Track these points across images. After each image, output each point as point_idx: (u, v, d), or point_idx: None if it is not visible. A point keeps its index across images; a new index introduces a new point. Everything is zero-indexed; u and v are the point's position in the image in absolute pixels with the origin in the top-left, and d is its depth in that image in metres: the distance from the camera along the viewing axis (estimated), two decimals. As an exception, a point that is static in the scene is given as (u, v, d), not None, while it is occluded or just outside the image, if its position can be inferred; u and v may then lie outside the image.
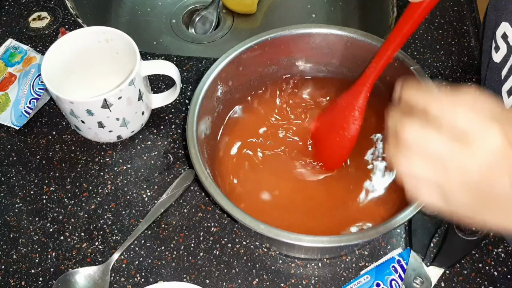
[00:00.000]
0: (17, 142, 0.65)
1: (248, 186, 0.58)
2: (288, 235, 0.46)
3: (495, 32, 0.53)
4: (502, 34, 0.52)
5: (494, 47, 0.54)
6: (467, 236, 0.55)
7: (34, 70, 0.67)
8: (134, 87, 0.58)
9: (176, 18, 0.89)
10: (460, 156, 0.33)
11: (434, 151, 0.34)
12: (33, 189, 0.62)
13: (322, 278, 0.55)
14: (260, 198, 0.57)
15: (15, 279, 0.56)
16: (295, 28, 0.59)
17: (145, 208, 0.60)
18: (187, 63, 0.71)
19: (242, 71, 0.59)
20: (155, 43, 0.86)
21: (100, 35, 0.61)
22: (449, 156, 0.33)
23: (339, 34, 0.58)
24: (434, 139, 0.34)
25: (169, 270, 0.56)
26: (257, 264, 0.56)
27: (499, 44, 0.53)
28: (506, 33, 0.52)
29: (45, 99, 0.68)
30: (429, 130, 0.34)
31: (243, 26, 0.89)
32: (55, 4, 0.78)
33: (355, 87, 0.53)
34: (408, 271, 0.54)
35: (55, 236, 0.58)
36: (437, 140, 0.33)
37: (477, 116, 0.33)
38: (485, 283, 0.54)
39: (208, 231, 0.58)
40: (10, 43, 0.70)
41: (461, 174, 0.33)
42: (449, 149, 0.33)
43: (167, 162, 0.63)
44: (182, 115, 0.67)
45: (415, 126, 0.35)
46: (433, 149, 0.34)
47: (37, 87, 0.66)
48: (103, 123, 0.59)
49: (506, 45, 0.52)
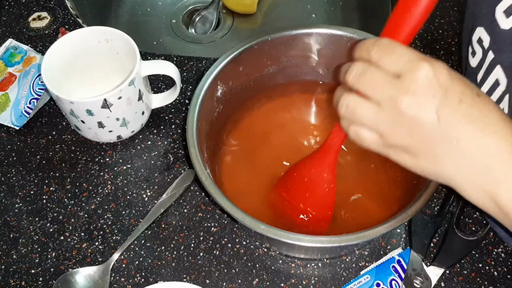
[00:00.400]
0: (17, 142, 0.65)
1: (248, 186, 0.58)
2: (288, 235, 0.46)
3: (471, 37, 0.54)
4: (478, 39, 0.53)
5: (471, 52, 0.55)
6: (467, 236, 0.55)
7: (34, 70, 0.67)
8: (134, 87, 0.58)
9: (176, 18, 0.89)
10: (393, 90, 0.36)
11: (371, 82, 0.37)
12: (33, 189, 0.62)
13: (322, 278, 0.55)
14: (260, 198, 0.57)
15: (15, 279, 0.56)
16: (295, 28, 0.59)
17: (145, 208, 0.60)
18: (187, 63, 0.71)
19: (242, 71, 0.59)
20: (155, 43, 0.86)
21: (100, 35, 0.61)
22: (383, 91, 0.36)
23: (339, 34, 0.58)
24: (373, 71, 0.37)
25: (169, 270, 0.56)
26: (257, 264, 0.56)
27: (475, 49, 0.54)
28: (481, 38, 0.53)
29: (45, 99, 0.68)
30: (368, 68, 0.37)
31: (243, 26, 0.89)
32: (55, 4, 0.78)
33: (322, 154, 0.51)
34: (408, 271, 0.54)
35: (55, 236, 0.58)
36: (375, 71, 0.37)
37: (409, 55, 0.36)
38: (485, 283, 0.54)
39: (208, 231, 0.58)
40: (10, 43, 0.70)
41: (391, 105, 0.36)
42: (383, 80, 0.36)
43: (167, 162, 0.63)
44: (182, 115, 0.67)
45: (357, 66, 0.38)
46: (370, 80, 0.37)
47: (37, 87, 0.66)
48: (103, 123, 0.59)
49: (481, 50, 0.53)
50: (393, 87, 0.36)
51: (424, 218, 0.56)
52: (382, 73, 0.37)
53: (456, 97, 0.36)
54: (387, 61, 0.36)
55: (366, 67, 0.38)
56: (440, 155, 0.37)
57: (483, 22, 0.52)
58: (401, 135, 0.37)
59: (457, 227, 0.55)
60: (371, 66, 0.37)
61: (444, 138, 0.36)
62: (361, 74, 0.38)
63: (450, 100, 0.35)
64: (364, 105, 0.38)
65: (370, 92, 0.37)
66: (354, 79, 0.38)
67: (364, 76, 0.37)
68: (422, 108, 0.35)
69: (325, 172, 0.51)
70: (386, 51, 0.37)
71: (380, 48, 0.37)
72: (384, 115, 0.37)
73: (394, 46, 0.37)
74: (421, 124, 0.36)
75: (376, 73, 0.37)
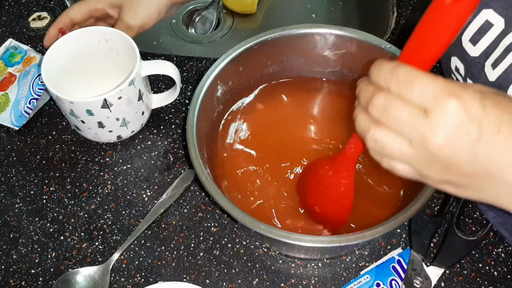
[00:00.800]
0: (17, 142, 0.65)
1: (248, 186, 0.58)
2: (288, 235, 0.46)
3: (450, 66, 0.55)
4: (455, 68, 0.54)
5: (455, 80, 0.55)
6: (467, 236, 0.55)
7: (34, 70, 0.67)
8: (134, 87, 0.58)
9: (176, 18, 0.89)
10: (422, 129, 0.33)
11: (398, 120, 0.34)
12: (33, 189, 0.62)
13: (322, 278, 0.55)
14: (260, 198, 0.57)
15: (15, 279, 0.56)
16: (295, 28, 0.59)
17: (145, 208, 0.60)
18: (187, 63, 0.71)
19: (242, 71, 0.59)
20: (155, 43, 0.86)
21: (100, 35, 0.61)
22: (412, 129, 0.34)
23: (339, 34, 0.58)
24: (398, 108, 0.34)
25: (169, 270, 0.56)
26: (257, 264, 0.56)
27: (457, 77, 0.55)
28: (457, 66, 0.54)
29: (45, 99, 0.68)
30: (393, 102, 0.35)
31: (243, 26, 0.89)
32: (55, 4, 0.78)
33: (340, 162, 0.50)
34: (408, 271, 0.54)
35: (55, 236, 0.58)
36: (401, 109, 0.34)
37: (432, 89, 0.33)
38: (485, 283, 0.54)
39: (208, 231, 0.58)
40: (10, 43, 0.70)
41: (422, 146, 0.34)
42: (411, 118, 0.34)
43: (167, 162, 0.63)
44: (182, 115, 0.67)
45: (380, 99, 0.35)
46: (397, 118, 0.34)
47: (37, 87, 0.66)
48: (103, 123, 0.59)
49: (460, 77, 0.54)
50: (422, 125, 0.33)
51: (424, 218, 0.56)
52: (408, 107, 0.34)
53: (493, 129, 0.33)
54: (408, 95, 0.34)
55: (389, 100, 0.35)
56: (482, 187, 0.35)
57: (455, 51, 0.53)
58: (437, 171, 0.35)
59: (457, 227, 0.55)
60: (395, 99, 0.34)
61: (484, 173, 0.34)
62: (386, 108, 0.35)
63: (486, 133, 0.33)
64: (394, 141, 0.35)
65: (398, 128, 0.35)
66: (378, 112, 0.35)
67: (389, 111, 0.35)
68: (456, 149, 0.33)
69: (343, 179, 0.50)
70: (405, 84, 0.34)
71: (399, 80, 0.34)
72: (416, 153, 0.35)
73: (413, 78, 0.34)
74: (458, 163, 0.34)
75: (402, 108, 0.34)
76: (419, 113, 0.33)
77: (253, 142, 0.61)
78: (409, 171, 0.37)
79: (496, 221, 0.55)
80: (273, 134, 0.62)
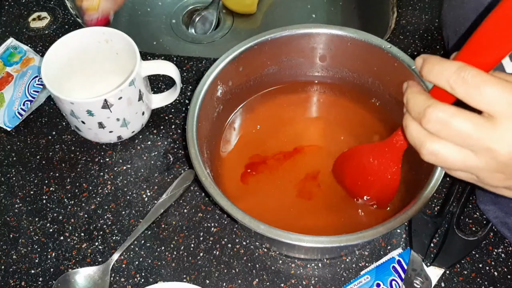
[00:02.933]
0: (17, 142, 0.65)
1: (248, 186, 0.58)
2: (288, 235, 0.46)
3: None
4: None
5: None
6: (467, 236, 0.55)
7: (31, 72, 0.67)
8: (134, 87, 0.58)
9: (176, 18, 0.89)
10: (487, 137, 0.32)
11: (461, 133, 0.33)
12: (33, 189, 0.62)
13: (322, 278, 0.55)
14: (260, 198, 0.57)
15: (15, 279, 0.56)
16: (295, 28, 0.59)
17: (145, 208, 0.59)
18: (187, 63, 0.71)
19: (242, 71, 0.59)
20: (155, 43, 0.86)
21: (100, 35, 0.61)
22: (477, 141, 0.33)
23: (339, 34, 0.58)
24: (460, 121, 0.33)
25: (169, 270, 0.56)
26: (257, 265, 0.56)
27: None
28: None
29: (39, 102, 0.68)
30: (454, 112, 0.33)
31: (243, 26, 0.89)
32: (55, 4, 0.78)
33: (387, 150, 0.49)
34: (408, 271, 0.53)
35: (55, 236, 0.58)
36: (462, 121, 0.32)
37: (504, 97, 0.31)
38: (485, 283, 0.54)
39: (208, 231, 0.58)
40: (11, 42, 0.70)
41: (490, 156, 0.33)
42: (475, 130, 0.32)
43: (167, 162, 0.63)
44: (182, 115, 0.67)
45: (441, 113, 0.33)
46: (459, 131, 0.33)
47: (32, 89, 0.66)
48: (104, 123, 0.59)
49: None
50: (488, 135, 0.32)
51: (424, 218, 0.56)
52: (471, 119, 0.32)
53: None
54: (477, 100, 0.32)
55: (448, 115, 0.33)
56: None
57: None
58: (503, 179, 0.34)
59: (457, 227, 0.55)
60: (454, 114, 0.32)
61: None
62: (445, 124, 0.33)
63: None
64: (457, 153, 0.34)
65: (461, 143, 0.33)
66: (435, 127, 0.33)
67: (449, 127, 0.33)
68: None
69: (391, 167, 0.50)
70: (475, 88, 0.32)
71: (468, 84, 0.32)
72: (481, 164, 0.34)
73: (484, 83, 0.32)
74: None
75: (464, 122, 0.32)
76: (484, 122, 0.32)
77: (253, 142, 0.61)
78: (471, 178, 0.36)
79: (498, 221, 0.55)
80: (273, 135, 0.61)
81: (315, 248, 0.52)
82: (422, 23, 0.75)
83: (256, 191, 0.58)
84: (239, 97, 0.62)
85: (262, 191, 0.58)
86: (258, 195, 0.58)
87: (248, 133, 0.62)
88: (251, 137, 0.62)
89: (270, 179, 0.58)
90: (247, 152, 0.60)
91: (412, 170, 0.55)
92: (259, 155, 0.60)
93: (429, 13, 0.76)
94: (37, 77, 0.67)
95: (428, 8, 0.76)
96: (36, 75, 0.67)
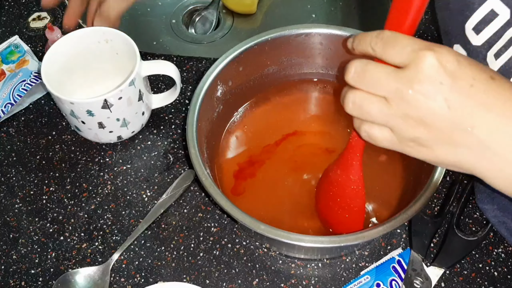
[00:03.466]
0: (17, 142, 0.65)
1: (248, 186, 0.58)
2: (288, 235, 0.46)
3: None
4: None
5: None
6: (467, 236, 0.55)
7: (21, 74, 0.67)
8: (134, 87, 0.58)
9: (176, 18, 0.89)
10: (398, 82, 0.35)
11: (373, 79, 0.36)
12: (33, 189, 0.62)
13: (322, 278, 0.55)
14: (260, 198, 0.57)
15: (15, 279, 0.56)
16: (295, 28, 0.59)
17: (145, 208, 0.60)
18: (187, 63, 0.71)
19: (242, 71, 0.59)
20: (155, 43, 0.86)
21: (100, 35, 0.61)
22: (388, 85, 0.35)
23: (339, 34, 0.58)
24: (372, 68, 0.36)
25: (169, 270, 0.56)
26: (257, 265, 0.56)
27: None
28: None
29: (22, 106, 0.67)
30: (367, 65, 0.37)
31: (243, 26, 0.89)
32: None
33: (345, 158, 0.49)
34: (408, 272, 0.53)
35: (55, 236, 0.58)
36: (375, 68, 0.36)
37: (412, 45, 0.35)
38: (485, 283, 0.54)
39: (208, 231, 0.58)
40: (15, 40, 0.69)
41: (399, 98, 0.35)
42: (386, 76, 0.36)
43: (167, 162, 0.63)
44: (182, 115, 0.67)
45: (355, 65, 0.37)
46: (372, 78, 0.36)
47: (16, 93, 0.65)
48: (104, 123, 0.59)
49: None
50: (398, 79, 0.35)
51: (424, 218, 0.56)
52: (383, 67, 0.36)
53: (466, 83, 0.34)
54: (391, 53, 0.36)
55: (364, 63, 0.37)
56: (456, 144, 0.35)
57: (458, 39, 0.53)
58: (413, 126, 0.36)
59: (457, 227, 0.55)
60: (369, 62, 0.37)
61: (457, 126, 0.35)
62: (361, 72, 0.37)
63: (460, 86, 0.34)
64: (370, 100, 0.37)
65: (374, 89, 0.36)
66: (354, 78, 0.37)
67: (364, 74, 0.37)
68: (430, 97, 0.34)
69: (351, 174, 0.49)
70: (389, 43, 0.36)
71: (384, 41, 0.36)
72: (393, 109, 0.36)
73: (396, 37, 0.36)
74: (431, 113, 0.35)
75: (377, 68, 0.36)
76: (395, 69, 0.35)
77: (254, 142, 0.61)
78: (387, 135, 0.38)
79: (496, 220, 0.55)
80: (273, 135, 0.62)
81: (315, 248, 0.52)
82: (422, 23, 0.75)
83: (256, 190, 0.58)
84: (239, 97, 0.62)
85: (262, 191, 0.58)
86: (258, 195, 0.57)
87: (248, 133, 0.62)
88: (251, 136, 0.62)
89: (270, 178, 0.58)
90: (247, 152, 0.60)
91: (412, 170, 0.55)
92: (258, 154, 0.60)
93: (429, 13, 0.76)
94: (25, 81, 0.66)
95: (428, 8, 0.76)
96: (25, 79, 0.66)
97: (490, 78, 0.35)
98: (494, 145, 0.35)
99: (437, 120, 0.35)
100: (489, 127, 0.34)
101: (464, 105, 0.34)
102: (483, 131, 0.34)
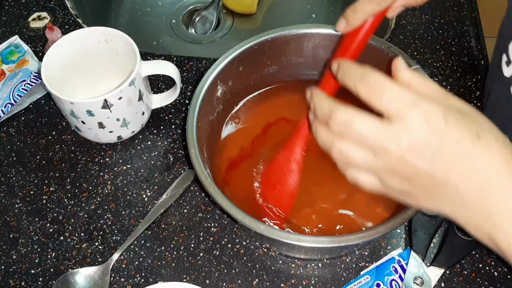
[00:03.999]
0: (17, 142, 0.65)
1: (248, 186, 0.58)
2: (288, 236, 0.46)
3: (508, 45, 0.53)
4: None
5: (506, 61, 0.53)
6: (467, 236, 0.55)
7: (21, 74, 0.67)
8: (135, 87, 0.58)
9: (176, 18, 0.89)
10: (383, 137, 0.35)
11: (360, 134, 0.36)
12: (33, 189, 0.62)
13: (322, 278, 0.55)
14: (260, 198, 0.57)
15: (15, 279, 0.56)
16: (295, 28, 0.59)
17: (145, 208, 0.60)
18: (187, 63, 0.71)
19: (242, 71, 0.59)
20: (155, 43, 0.86)
21: (100, 36, 0.61)
22: (375, 140, 0.35)
23: (339, 34, 0.58)
24: (359, 122, 0.36)
25: (169, 270, 0.56)
26: (257, 265, 0.56)
27: (511, 58, 0.53)
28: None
29: (22, 106, 0.67)
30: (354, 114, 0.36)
31: (243, 26, 0.89)
32: (55, 4, 0.78)
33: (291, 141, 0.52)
34: (408, 272, 0.53)
35: (55, 236, 0.58)
36: (361, 123, 0.36)
37: (401, 99, 0.34)
38: (485, 283, 0.54)
39: (208, 231, 0.58)
40: (15, 39, 0.69)
41: (386, 156, 0.35)
42: (372, 131, 0.35)
43: (167, 162, 0.63)
44: (182, 115, 0.67)
45: (340, 114, 0.36)
46: (359, 132, 0.36)
47: (16, 93, 0.65)
48: (104, 123, 0.59)
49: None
50: (386, 136, 0.35)
51: (424, 218, 0.56)
52: (370, 122, 0.35)
53: (452, 144, 0.34)
54: (375, 102, 0.35)
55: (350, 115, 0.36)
56: (439, 199, 0.36)
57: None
58: (399, 182, 0.36)
59: (457, 227, 0.55)
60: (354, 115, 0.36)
61: (441, 184, 0.35)
62: (348, 124, 0.36)
63: (446, 146, 0.34)
64: (358, 151, 0.37)
65: (361, 143, 0.36)
66: (341, 129, 0.37)
67: (351, 128, 0.36)
68: (416, 158, 0.34)
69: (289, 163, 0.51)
70: (375, 91, 0.35)
71: (369, 87, 0.35)
72: (379, 163, 0.36)
73: (382, 85, 0.35)
74: (418, 173, 0.35)
75: (364, 124, 0.36)
76: (382, 124, 0.35)
77: (254, 142, 0.61)
78: (373, 182, 0.38)
79: None
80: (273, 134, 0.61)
81: (315, 248, 0.52)
82: (422, 23, 0.75)
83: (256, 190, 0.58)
84: (239, 97, 0.62)
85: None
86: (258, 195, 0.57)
87: (248, 133, 0.62)
88: (251, 136, 0.62)
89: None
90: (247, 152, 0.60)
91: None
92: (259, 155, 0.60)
93: (429, 13, 0.76)
94: (25, 81, 0.66)
95: (428, 8, 0.76)
96: (25, 79, 0.66)
97: (476, 136, 0.34)
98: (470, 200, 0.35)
99: (423, 179, 0.35)
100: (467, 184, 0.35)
101: (449, 165, 0.34)
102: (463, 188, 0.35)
